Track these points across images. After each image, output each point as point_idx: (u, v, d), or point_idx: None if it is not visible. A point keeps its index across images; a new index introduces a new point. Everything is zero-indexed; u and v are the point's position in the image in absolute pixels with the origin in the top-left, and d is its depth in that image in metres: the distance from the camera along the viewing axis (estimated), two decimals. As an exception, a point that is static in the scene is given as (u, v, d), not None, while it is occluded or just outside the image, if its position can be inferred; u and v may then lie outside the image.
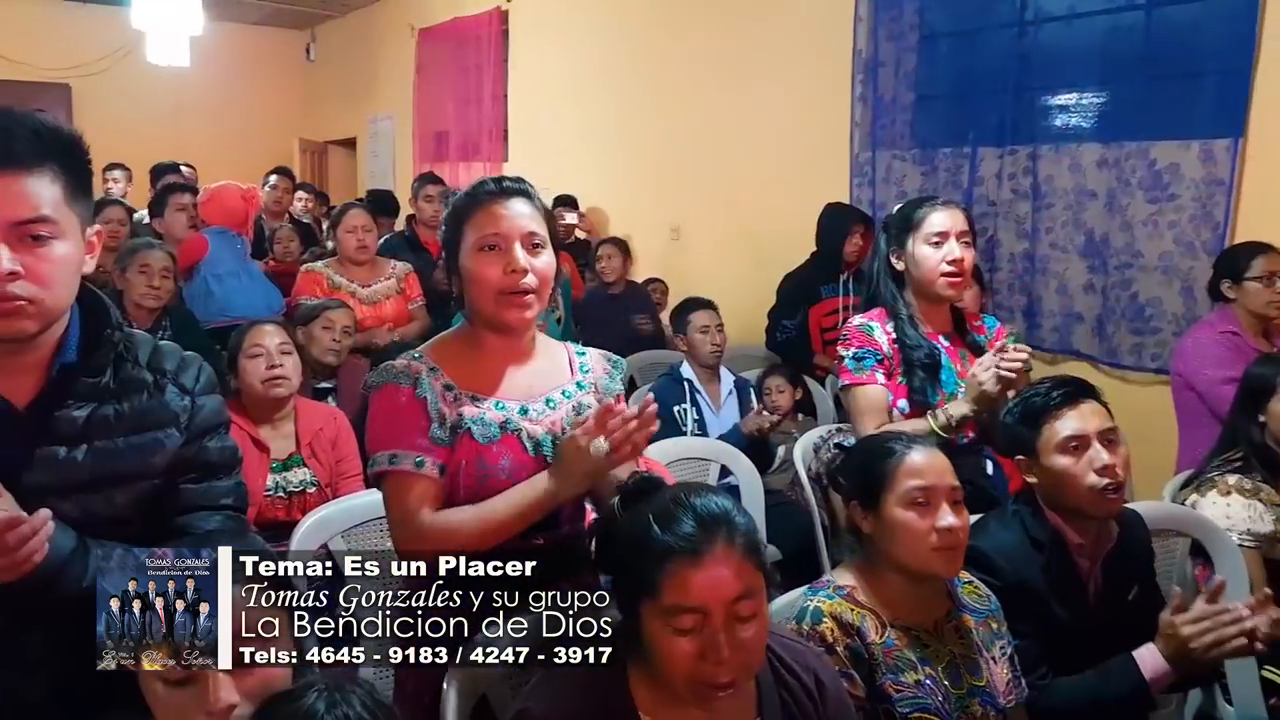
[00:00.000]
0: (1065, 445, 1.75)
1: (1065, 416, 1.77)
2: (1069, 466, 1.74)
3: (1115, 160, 3.32)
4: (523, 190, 1.52)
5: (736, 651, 1.12)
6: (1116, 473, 1.74)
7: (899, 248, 2.26)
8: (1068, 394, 1.80)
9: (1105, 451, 1.74)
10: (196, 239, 3.75)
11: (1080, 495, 1.74)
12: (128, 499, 1.21)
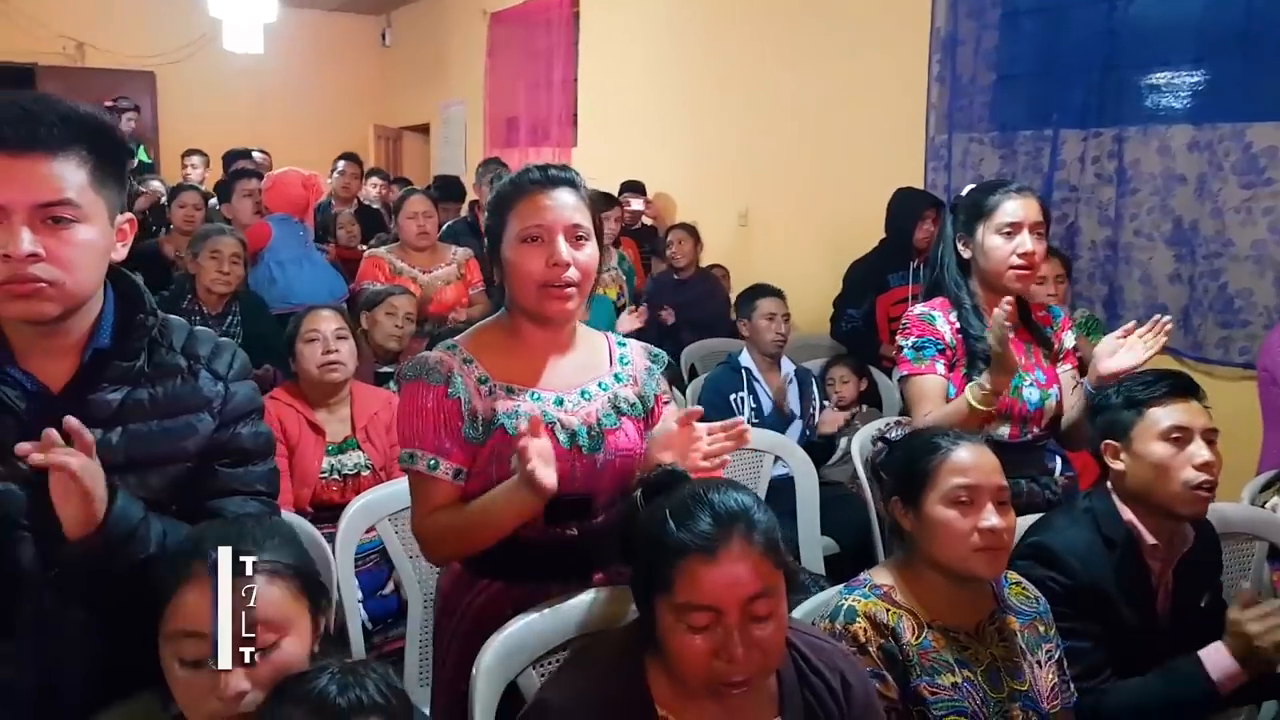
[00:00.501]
0: (1168, 434, 1.69)
1: (1173, 406, 1.71)
2: (1167, 457, 1.67)
3: (1208, 143, 3.14)
4: (569, 180, 1.49)
5: (751, 650, 1.10)
6: (1215, 472, 1.67)
7: (967, 235, 2.17)
8: (1176, 386, 1.75)
9: (1207, 449, 1.67)
10: (260, 226, 3.83)
11: (1173, 489, 1.67)
12: (162, 482, 1.22)
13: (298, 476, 2.41)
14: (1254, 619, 1.51)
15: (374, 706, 1.00)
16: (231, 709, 1.02)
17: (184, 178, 6.16)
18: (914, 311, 2.20)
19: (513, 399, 1.46)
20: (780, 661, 1.18)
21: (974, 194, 2.23)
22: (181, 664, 1.04)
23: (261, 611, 1.03)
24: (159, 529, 1.16)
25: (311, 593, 1.10)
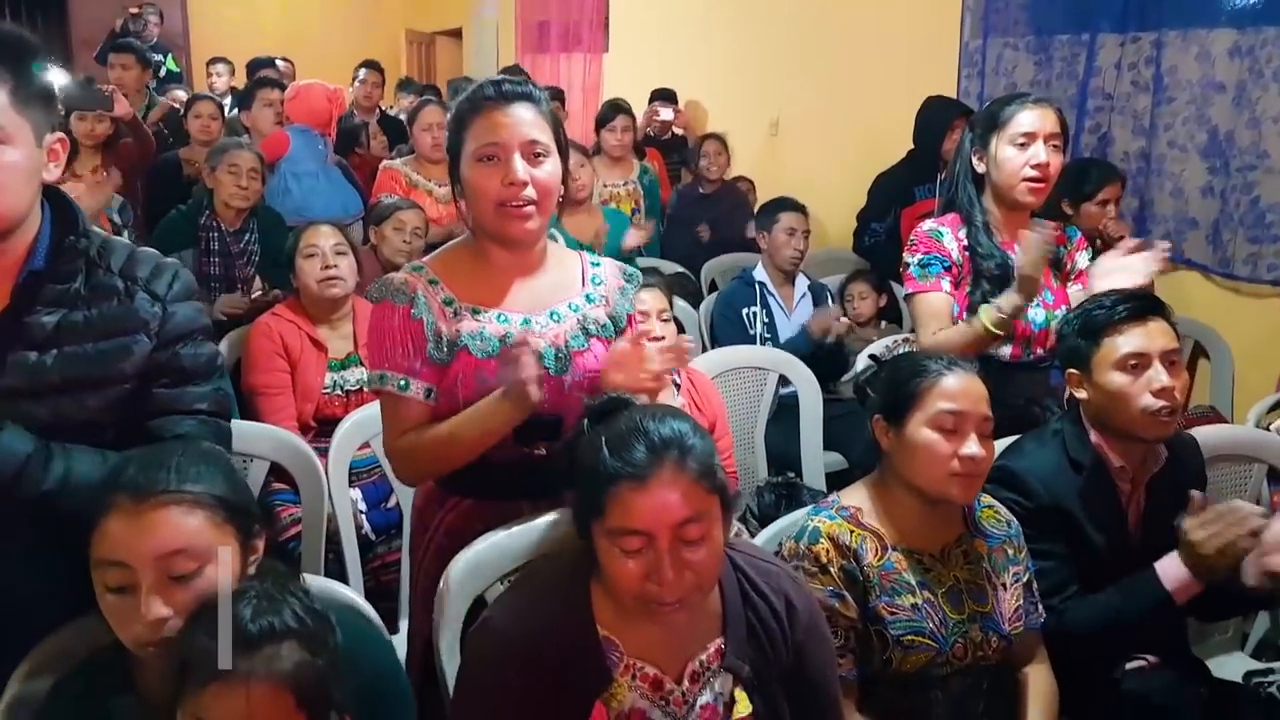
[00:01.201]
0: (1124, 362, 1.66)
1: (1129, 332, 1.67)
2: (1125, 385, 1.65)
3: (1250, 48, 2.96)
4: (526, 94, 1.45)
5: (682, 573, 1.12)
6: (1174, 396, 1.64)
7: (982, 148, 2.13)
8: (1135, 309, 1.69)
9: (1165, 373, 1.65)
10: (279, 135, 3.80)
11: (1132, 417, 1.66)
12: (100, 403, 1.24)
13: (300, 391, 2.46)
14: (1196, 527, 1.50)
15: (287, 632, 1.03)
16: (154, 633, 1.05)
17: (209, 86, 6.17)
18: (923, 228, 2.17)
19: (478, 320, 1.47)
20: (713, 583, 1.21)
21: (991, 106, 2.18)
22: (108, 590, 1.07)
23: (181, 540, 1.06)
24: (60, 466, 1.18)
25: (238, 520, 1.12)
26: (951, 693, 1.51)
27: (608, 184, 4.24)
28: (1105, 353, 1.68)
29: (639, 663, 1.20)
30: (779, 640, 1.26)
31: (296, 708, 1.01)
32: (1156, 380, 1.63)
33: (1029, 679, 1.60)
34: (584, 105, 6.84)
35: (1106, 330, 1.68)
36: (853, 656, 1.46)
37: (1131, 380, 1.65)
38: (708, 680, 1.22)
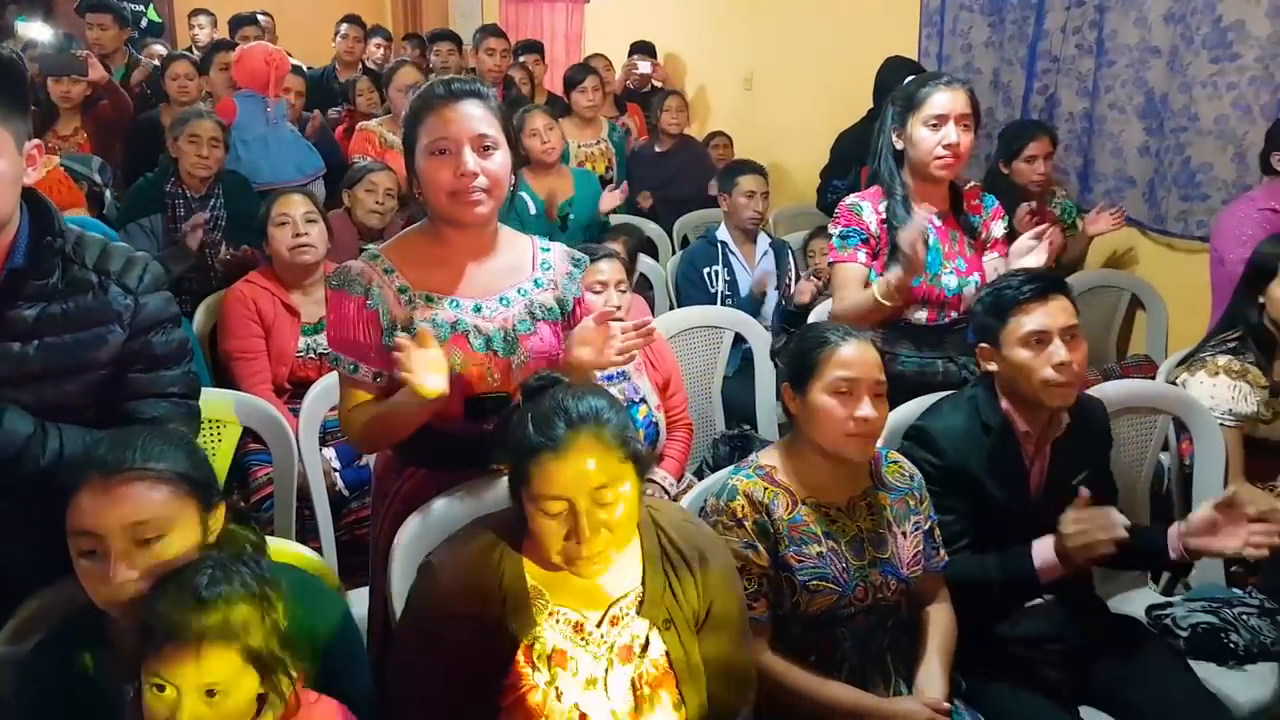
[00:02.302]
0: (1028, 339, 1.81)
1: (1033, 311, 1.81)
2: (1028, 360, 1.80)
3: (1182, 15, 3.07)
4: (474, 91, 1.56)
5: (599, 531, 1.27)
6: (1072, 369, 1.79)
7: (900, 126, 2.26)
8: (1038, 289, 1.84)
9: (1064, 348, 1.79)
10: (226, 102, 3.78)
11: (1035, 387, 1.81)
12: (78, 388, 1.36)
13: (275, 355, 2.57)
14: (1070, 522, 1.66)
15: (237, 597, 1.14)
16: (121, 594, 1.16)
17: (191, 38, 6.09)
18: (845, 201, 2.32)
19: (431, 307, 1.58)
20: (628, 540, 1.36)
21: (908, 86, 2.29)
22: (80, 555, 1.19)
23: (145, 512, 1.19)
24: (55, 443, 1.32)
25: (198, 493, 1.25)
26: (857, 630, 1.69)
27: (581, 144, 4.29)
28: (1011, 330, 1.82)
29: (562, 609, 1.36)
30: (693, 588, 1.41)
31: (245, 666, 1.13)
32: (1056, 355, 1.78)
33: (929, 616, 1.78)
34: (566, 55, 6.86)
35: (1013, 309, 1.83)
36: (766, 601, 1.63)
37: (1034, 355, 1.80)
38: (626, 624, 1.38)
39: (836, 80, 4.50)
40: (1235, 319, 2.30)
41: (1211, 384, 2.23)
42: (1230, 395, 2.21)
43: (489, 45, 4.66)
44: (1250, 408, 2.20)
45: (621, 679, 1.35)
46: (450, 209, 1.57)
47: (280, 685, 1.17)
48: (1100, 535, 1.63)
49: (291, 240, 2.60)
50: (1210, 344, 2.32)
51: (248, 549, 1.27)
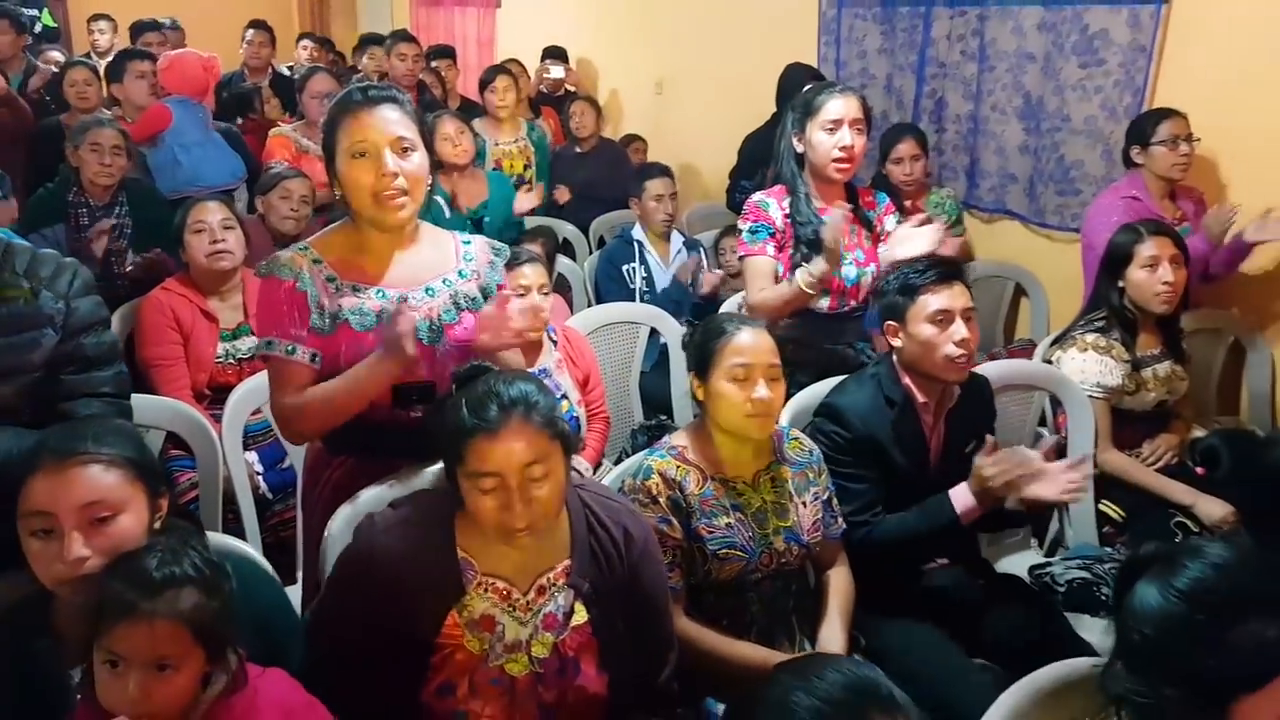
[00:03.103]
0: (933, 317, 1.97)
1: (938, 292, 1.98)
2: (933, 336, 1.97)
3: (1053, 24, 3.32)
4: (391, 97, 1.65)
5: (530, 505, 1.37)
6: (969, 346, 1.97)
7: (800, 131, 2.42)
8: (943, 274, 2.01)
9: (964, 327, 1.97)
10: (160, 109, 3.76)
11: (936, 361, 1.98)
12: (12, 390, 1.40)
13: (193, 362, 2.58)
14: (989, 465, 1.83)
15: (186, 579, 1.19)
16: (74, 571, 1.21)
17: (91, 44, 5.95)
18: (753, 198, 2.47)
19: (358, 296, 1.65)
20: (557, 513, 1.46)
21: (805, 94, 2.46)
22: (33, 536, 1.24)
23: (99, 492, 1.25)
24: (3, 444, 1.36)
25: (147, 480, 1.31)
26: (764, 595, 1.83)
27: (499, 143, 4.37)
28: (918, 308, 1.99)
29: (491, 578, 1.45)
30: (617, 562, 1.51)
31: (194, 643, 1.20)
32: (958, 333, 1.96)
33: (830, 580, 1.94)
34: (478, 60, 6.91)
35: (920, 290, 1.99)
36: (680, 570, 1.75)
37: (938, 332, 1.97)
38: (552, 594, 1.47)
39: (742, 85, 4.66)
40: (1100, 301, 2.52)
41: (1081, 360, 2.44)
42: (1097, 370, 2.42)
43: (400, 50, 4.71)
44: (1115, 380, 2.42)
45: (546, 645, 1.45)
46: (373, 210, 1.64)
47: (228, 661, 1.24)
48: (1019, 471, 1.80)
49: (209, 247, 2.61)
50: (1079, 324, 2.53)
51: (191, 537, 1.33)
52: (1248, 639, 0.98)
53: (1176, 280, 2.41)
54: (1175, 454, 2.52)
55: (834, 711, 0.85)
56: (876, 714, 0.85)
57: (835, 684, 0.88)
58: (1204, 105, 2.94)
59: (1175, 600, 1.04)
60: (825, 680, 0.88)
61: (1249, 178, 3.00)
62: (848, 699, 0.86)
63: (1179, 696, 1.01)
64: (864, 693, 0.87)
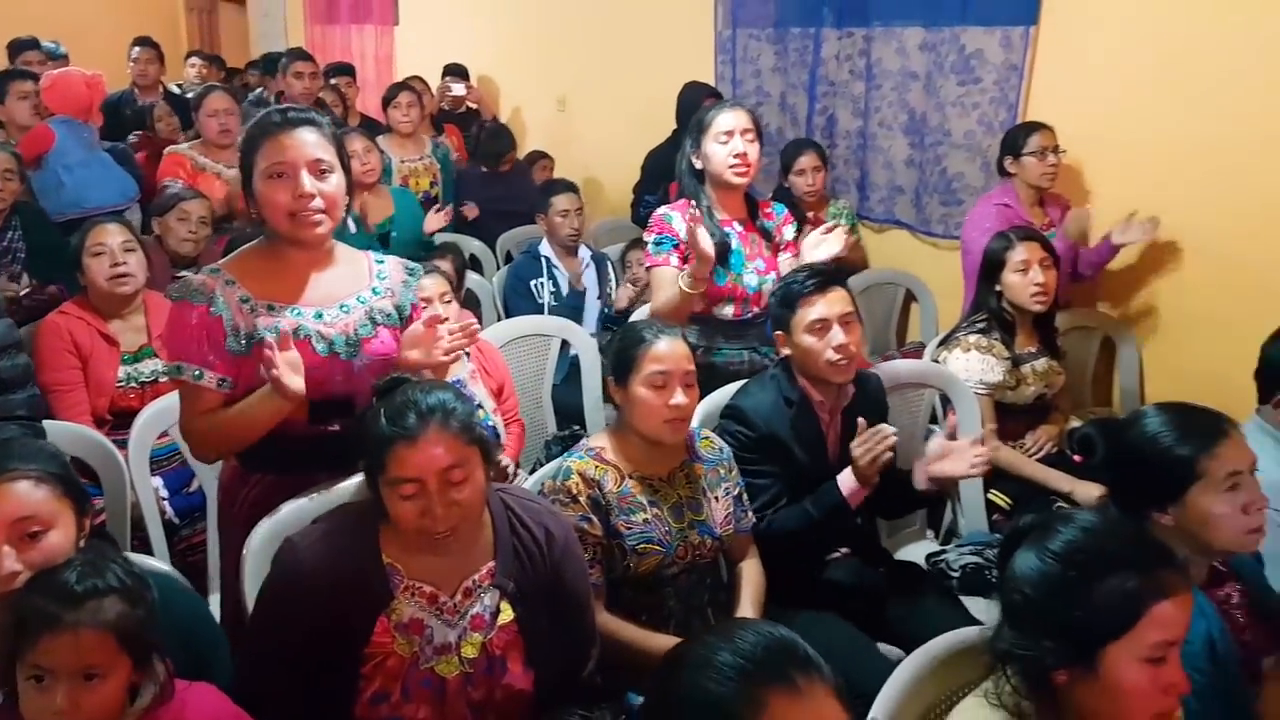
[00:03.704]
0: (812, 327, 2.08)
1: (814, 303, 2.09)
2: (812, 344, 2.08)
3: (934, 44, 3.53)
4: (309, 119, 1.67)
5: (450, 508, 1.41)
6: (849, 350, 2.08)
7: (697, 148, 2.53)
8: (818, 282, 2.12)
9: (842, 332, 2.08)
10: (42, 130, 3.67)
11: (820, 367, 2.09)
12: None
13: (93, 386, 2.51)
14: (856, 445, 1.96)
15: (109, 589, 1.21)
16: (6, 586, 1.24)
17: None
18: (658, 212, 2.57)
19: (274, 315, 1.67)
20: (477, 515, 1.51)
21: (698, 114, 2.59)
22: None
23: (30, 508, 1.26)
24: None
25: (74, 496, 1.32)
26: (680, 589, 1.91)
27: (404, 160, 4.38)
28: (798, 319, 2.10)
29: (418, 583, 1.49)
30: (540, 560, 1.57)
31: (120, 651, 1.21)
32: (835, 339, 2.07)
33: (742, 572, 2.03)
34: (377, 78, 6.88)
35: (799, 301, 2.11)
36: (600, 566, 1.82)
37: (817, 340, 2.08)
38: (479, 595, 1.52)
39: (643, 102, 4.78)
40: (981, 304, 2.70)
41: (965, 359, 2.61)
42: (980, 367, 2.59)
43: (297, 69, 4.68)
44: (997, 377, 2.60)
45: (475, 645, 1.50)
46: (290, 229, 1.66)
47: (154, 671, 1.25)
48: (880, 447, 1.92)
49: (110, 270, 2.55)
50: (963, 326, 2.71)
51: (110, 550, 1.34)
52: (1111, 592, 1.11)
53: (1047, 281, 2.61)
54: (1054, 443, 2.71)
55: (755, 668, 0.92)
56: (794, 670, 0.92)
57: (756, 643, 0.95)
58: (1070, 119, 3.18)
59: (1050, 561, 1.16)
60: (746, 640, 0.95)
61: (1111, 186, 3.26)
62: (767, 656, 0.93)
63: (1055, 648, 1.13)
64: (783, 650, 0.95)
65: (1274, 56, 2.80)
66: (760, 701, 0.90)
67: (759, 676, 0.91)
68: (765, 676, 0.91)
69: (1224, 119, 2.91)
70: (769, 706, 0.90)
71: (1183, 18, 2.98)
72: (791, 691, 0.91)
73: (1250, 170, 2.88)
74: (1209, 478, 1.43)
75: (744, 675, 0.92)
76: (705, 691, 0.92)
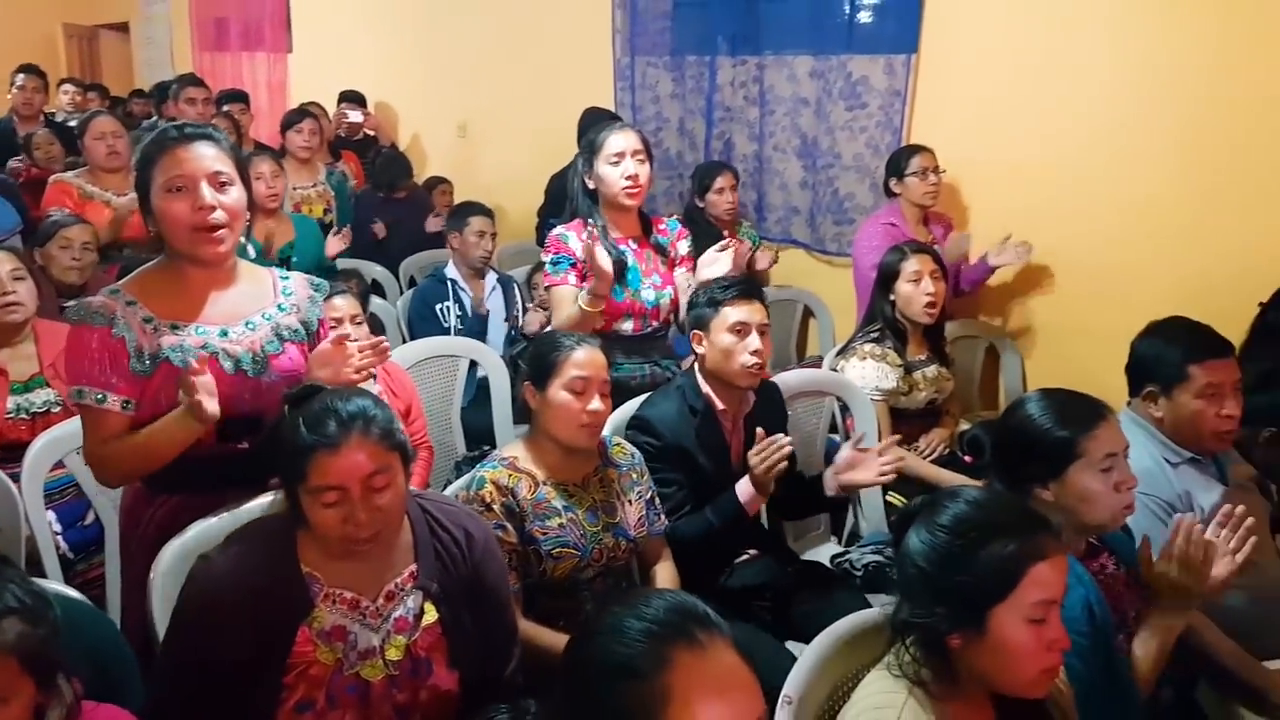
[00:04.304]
0: (733, 328, 2.18)
1: (739, 306, 2.19)
2: (731, 345, 2.17)
3: (822, 71, 3.72)
4: (207, 135, 1.67)
5: (374, 514, 1.42)
6: (762, 357, 2.19)
7: (590, 169, 2.60)
8: (742, 290, 2.24)
9: (758, 340, 2.18)
10: None
11: (734, 368, 2.18)
12: None
13: None
14: (753, 455, 2.05)
15: (8, 609, 1.15)
16: None
17: None
18: (554, 233, 2.63)
19: (177, 334, 1.65)
20: (400, 520, 1.51)
21: (589, 135, 2.66)
22: None
23: None
24: None
25: None
26: (596, 594, 1.94)
27: (297, 187, 4.33)
28: (721, 319, 2.19)
29: (338, 590, 1.48)
30: (460, 561, 1.58)
31: (23, 673, 1.16)
32: (752, 344, 2.17)
33: (656, 574, 2.08)
34: (270, 105, 6.77)
35: (724, 303, 2.20)
36: (516, 573, 1.84)
37: (736, 341, 2.17)
38: (402, 598, 1.52)
39: (544, 127, 4.85)
40: (875, 314, 2.84)
41: (861, 367, 2.74)
42: (876, 374, 2.73)
43: (189, 95, 4.59)
44: (891, 383, 2.74)
45: (399, 648, 1.50)
46: (190, 245, 1.65)
47: (60, 692, 1.21)
48: (775, 456, 2.02)
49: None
50: (859, 335, 2.85)
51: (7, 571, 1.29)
52: (993, 557, 1.21)
53: (937, 292, 2.77)
54: (946, 445, 2.86)
55: (660, 629, 0.98)
56: (696, 627, 1.00)
57: (660, 607, 1.02)
58: (949, 141, 3.39)
59: (939, 533, 1.25)
60: (650, 606, 1.02)
61: (987, 203, 3.49)
62: (670, 617, 1.00)
63: (948, 613, 1.22)
64: (685, 612, 1.02)
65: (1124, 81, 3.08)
66: (667, 659, 0.96)
67: (663, 636, 0.98)
68: (670, 635, 0.98)
69: (1082, 140, 3.17)
70: (674, 662, 0.96)
71: (1042, 47, 3.23)
72: (695, 647, 0.98)
73: (1107, 186, 3.14)
74: (1088, 457, 1.56)
75: (650, 636, 0.98)
76: (615, 655, 0.98)
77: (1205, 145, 2.96)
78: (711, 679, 0.97)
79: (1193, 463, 1.97)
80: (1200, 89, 2.94)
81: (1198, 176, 2.98)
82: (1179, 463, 1.97)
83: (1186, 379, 1.94)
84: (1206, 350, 1.94)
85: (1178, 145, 3.00)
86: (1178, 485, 1.94)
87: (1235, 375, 1.94)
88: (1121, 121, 3.08)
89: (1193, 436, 1.96)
